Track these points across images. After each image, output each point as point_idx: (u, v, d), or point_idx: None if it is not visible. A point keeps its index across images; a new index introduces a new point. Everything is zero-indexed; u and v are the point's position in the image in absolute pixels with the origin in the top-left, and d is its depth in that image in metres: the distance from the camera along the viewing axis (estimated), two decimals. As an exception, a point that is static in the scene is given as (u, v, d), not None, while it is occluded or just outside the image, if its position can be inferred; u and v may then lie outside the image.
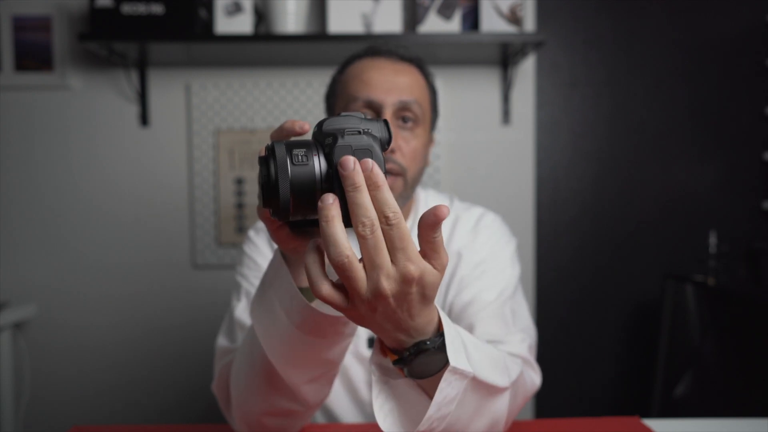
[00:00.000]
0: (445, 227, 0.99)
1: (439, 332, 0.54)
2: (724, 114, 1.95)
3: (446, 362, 0.53)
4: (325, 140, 0.50)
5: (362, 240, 0.47)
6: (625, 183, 1.96)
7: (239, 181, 1.80)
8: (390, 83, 0.89)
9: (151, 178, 1.82)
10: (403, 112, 0.90)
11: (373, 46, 0.96)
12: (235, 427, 0.78)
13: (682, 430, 0.86)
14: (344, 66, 0.97)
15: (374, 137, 0.50)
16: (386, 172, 0.50)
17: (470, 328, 0.88)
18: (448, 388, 0.54)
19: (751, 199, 1.97)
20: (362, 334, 0.96)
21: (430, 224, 0.48)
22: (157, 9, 1.54)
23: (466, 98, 1.84)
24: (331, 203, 0.47)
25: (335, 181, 0.48)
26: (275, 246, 0.97)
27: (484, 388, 0.61)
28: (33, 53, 1.76)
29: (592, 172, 1.96)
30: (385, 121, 0.53)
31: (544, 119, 1.93)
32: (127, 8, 1.54)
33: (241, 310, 0.92)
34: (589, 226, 1.96)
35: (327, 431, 0.86)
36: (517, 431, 0.83)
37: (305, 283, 0.62)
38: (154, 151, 1.82)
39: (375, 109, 0.89)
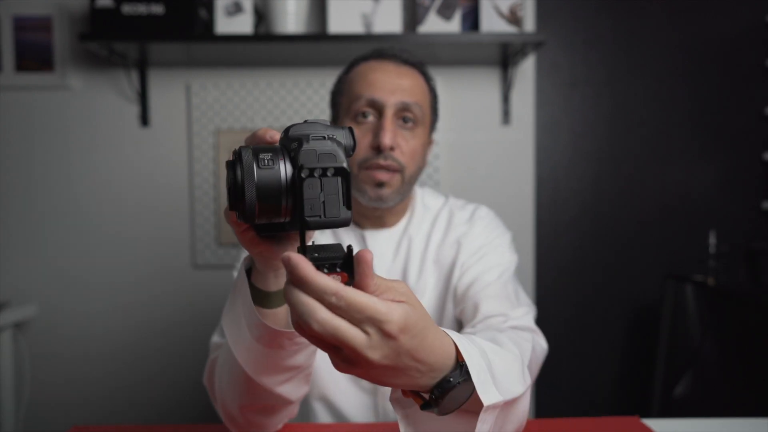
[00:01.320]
0: (442, 220, 1.04)
1: (459, 362, 0.52)
2: (724, 114, 1.95)
3: (473, 390, 0.52)
4: (291, 145, 0.51)
5: (323, 341, 0.45)
6: (625, 183, 1.96)
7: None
8: (393, 84, 0.93)
9: (152, 178, 1.82)
10: (403, 112, 0.93)
11: (378, 49, 0.99)
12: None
13: (682, 429, 0.86)
14: (350, 66, 1.00)
15: (338, 143, 0.51)
16: (382, 166, 0.50)
17: (475, 308, 0.90)
18: (484, 426, 0.53)
19: (751, 199, 1.97)
20: None
21: (364, 271, 0.46)
22: (158, 9, 1.54)
23: (466, 98, 1.84)
24: (297, 262, 0.43)
25: (296, 187, 0.48)
26: None
27: (511, 404, 0.59)
28: (33, 53, 1.76)
29: (592, 172, 1.96)
30: (350, 129, 0.54)
31: (544, 119, 1.93)
32: (127, 8, 1.54)
33: None
34: (589, 226, 1.96)
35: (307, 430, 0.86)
36: (516, 431, 0.83)
37: (273, 287, 0.64)
38: (154, 152, 1.82)
39: (377, 108, 0.93)
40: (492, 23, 1.62)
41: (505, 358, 0.62)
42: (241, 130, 1.80)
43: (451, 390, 0.50)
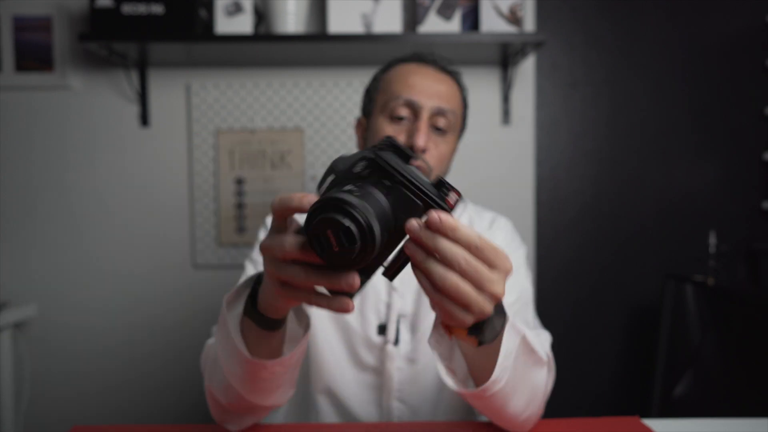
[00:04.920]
0: None
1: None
2: (724, 114, 1.95)
3: (502, 326, 0.61)
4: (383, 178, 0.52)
5: (451, 290, 0.51)
6: (625, 183, 1.96)
7: (239, 181, 1.80)
8: (431, 89, 0.96)
9: (152, 178, 1.82)
10: (438, 117, 0.97)
11: (418, 53, 1.03)
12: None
13: (682, 429, 0.86)
14: (389, 66, 1.03)
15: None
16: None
17: None
18: (508, 341, 0.61)
19: (751, 199, 1.97)
20: (373, 321, 0.98)
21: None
22: (158, 9, 1.54)
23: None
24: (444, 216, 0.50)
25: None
26: None
27: (530, 353, 0.68)
28: (33, 53, 1.76)
29: (592, 172, 1.96)
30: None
31: (544, 119, 1.93)
32: (127, 8, 1.54)
33: None
34: (589, 226, 1.96)
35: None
36: (516, 431, 0.83)
37: (283, 313, 0.63)
38: (154, 152, 1.82)
39: (414, 110, 0.96)
40: (492, 23, 1.62)
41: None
42: (241, 130, 1.80)
43: (492, 320, 0.60)
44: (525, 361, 0.68)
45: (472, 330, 0.59)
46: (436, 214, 0.49)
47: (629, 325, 1.98)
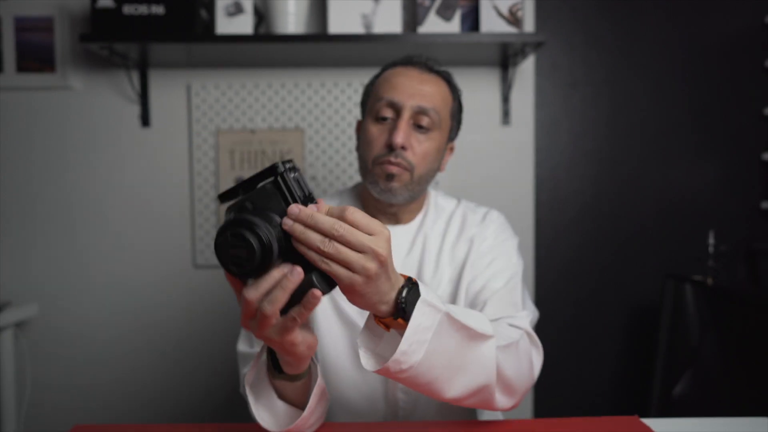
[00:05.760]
0: (457, 221, 1.09)
1: (409, 280, 0.66)
2: (724, 114, 1.96)
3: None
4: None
5: (327, 257, 0.58)
6: (625, 183, 1.96)
7: (240, 181, 1.80)
8: (413, 89, 0.99)
9: (152, 178, 1.83)
10: (420, 115, 0.99)
11: (409, 56, 1.06)
12: None
13: (681, 429, 0.86)
14: (382, 70, 1.07)
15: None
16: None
17: (482, 310, 0.96)
18: (421, 316, 0.64)
19: (750, 199, 1.97)
20: None
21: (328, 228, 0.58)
22: (158, 10, 1.55)
23: (466, 99, 1.80)
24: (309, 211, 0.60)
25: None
26: None
27: (463, 330, 0.69)
28: (35, 54, 1.77)
29: (592, 172, 1.96)
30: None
31: (544, 119, 1.93)
32: (128, 9, 1.54)
33: None
34: (589, 226, 1.97)
35: None
36: (517, 431, 0.84)
37: (303, 368, 0.71)
38: (155, 152, 1.82)
39: (396, 110, 0.99)
40: (492, 24, 1.62)
41: (460, 306, 0.75)
42: (242, 130, 1.80)
43: (409, 294, 0.64)
44: (459, 339, 0.69)
45: (396, 314, 0.64)
46: (295, 208, 0.59)
47: (629, 325, 1.98)
